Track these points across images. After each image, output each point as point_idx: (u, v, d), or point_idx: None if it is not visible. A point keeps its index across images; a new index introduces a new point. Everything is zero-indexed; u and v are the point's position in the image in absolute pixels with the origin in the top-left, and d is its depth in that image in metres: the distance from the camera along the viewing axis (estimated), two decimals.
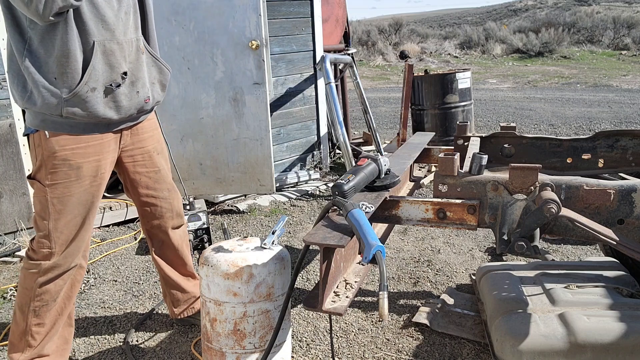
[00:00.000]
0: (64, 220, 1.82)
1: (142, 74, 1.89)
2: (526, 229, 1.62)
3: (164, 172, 2.11)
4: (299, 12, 4.69)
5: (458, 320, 2.35)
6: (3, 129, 3.46)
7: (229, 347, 1.74)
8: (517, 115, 8.30)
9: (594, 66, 14.79)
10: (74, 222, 1.84)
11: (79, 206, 1.84)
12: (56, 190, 1.79)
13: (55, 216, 1.81)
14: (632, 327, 1.83)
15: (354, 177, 1.67)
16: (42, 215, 1.82)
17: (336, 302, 1.48)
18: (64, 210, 1.81)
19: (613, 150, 2.33)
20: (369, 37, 20.25)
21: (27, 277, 1.87)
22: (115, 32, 1.76)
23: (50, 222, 1.81)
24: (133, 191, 2.08)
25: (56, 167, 1.78)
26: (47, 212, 1.81)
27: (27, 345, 1.91)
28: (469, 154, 2.05)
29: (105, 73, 1.75)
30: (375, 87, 12.77)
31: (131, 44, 1.83)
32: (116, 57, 1.77)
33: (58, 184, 1.79)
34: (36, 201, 1.84)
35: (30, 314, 1.88)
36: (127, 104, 1.84)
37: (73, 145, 1.78)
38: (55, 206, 1.80)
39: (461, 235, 3.46)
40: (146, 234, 2.21)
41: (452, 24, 34.83)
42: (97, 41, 1.71)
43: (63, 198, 1.80)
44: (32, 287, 1.86)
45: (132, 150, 1.99)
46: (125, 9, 1.81)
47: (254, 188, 4.00)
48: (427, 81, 5.45)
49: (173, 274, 2.26)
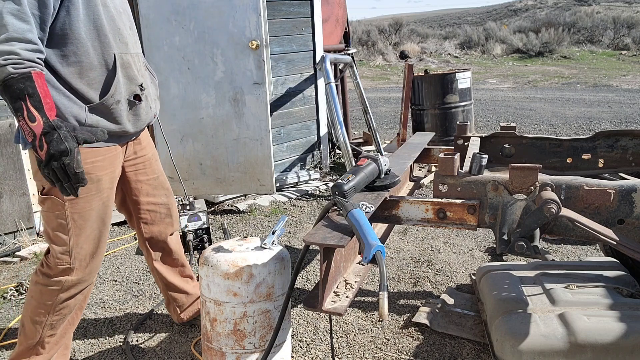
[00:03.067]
0: (84, 235, 1.78)
1: (150, 90, 1.91)
2: (526, 229, 1.62)
3: (162, 178, 2.11)
4: (299, 12, 4.69)
5: (458, 320, 2.35)
6: (3, 129, 3.46)
7: (229, 347, 1.74)
8: (517, 115, 8.30)
9: (594, 66, 14.79)
10: (92, 235, 1.81)
11: (99, 220, 1.81)
12: (77, 205, 1.74)
13: (77, 232, 1.76)
14: (632, 327, 1.83)
15: (354, 177, 1.67)
16: (60, 231, 1.75)
17: (336, 302, 1.48)
18: (85, 225, 1.77)
19: (613, 150, 2.33)
20: (369, 37, 20.24)
21: (46, 293, 1.81)
22: (128, 45, 1.78)
23: (71, 238, 1.76)
24: (134, 200, 2.05)
25: None
26: (67, 228, 1.75)
27: (34, 353, 1.89)
28: (469, 154, 2.05)
29: (126, 85, 1.76)
30: (375, 87, 12.77)
31: (138, 58, 1.86)
32: (132, 69, 1.78)
33: (79, 199, 1.72)
34: (51, 217, 1.75)
35: (46, 328, 1.85)
36: (144, 118, 1.86)
37: (92, 159, 1.73)
38: (77, 221, 1.75)
39: (461, 235, 3.46)
40: (145, 245, 2.17)
41: (452, 24, 34.83)
42: (117, 54, 1.72)
43: (84, 213, 1.76)
44: (52, 304, 1.82)
45: (135, 160, 1.98)
46: (129, 25, 1.83)
47: (254, 188, 4.00)
48: (427, 81, 5.45)
49: (175, 279, 2.26)
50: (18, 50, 1.46)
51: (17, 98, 1.45)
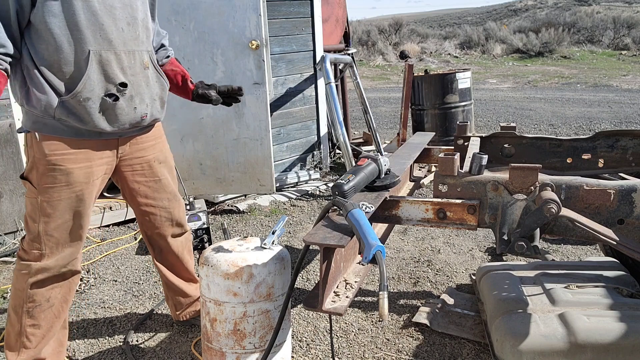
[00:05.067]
0: (54, 224, 1.80)
1: (142, 90, 1.84)
2: (526, 229, 1.62)
3: (165, 181, 2.07)
4: (299, 12, 4.69)
5: (458, 320, 2.35)
6: (3, 129, 3.46)
7: (229, 347, 1.74)
8: (517, 115, 8.30)
9: (594, 66, 14.79)
10: (64, 226, 1.82)
11: (70, 211, 1.81)
12: (46, 193, 1.77)
13: (45, 219, 1.79)
14: (632, 327, 1.83)
15: (354, 177, 1.67)
16: (32, 216, 1.81)
17: (336, 302, 1.48)
18: (54, 214, 1.79)
19: (613, 150, 2.33)
20: (369, 37, 20.25)
21: (19, 278, 1.86)
22: (113, 42, 1.73)
23: (40, 224, 1.79)
24: (132, 200, 2.05)
25: (47, 171, 1.75)
26: (37, 215, 1.79)
27: (22, 346, 1.89)
28: (469, 154, 2.05)
29: (101, 83, 1.72)
30: (375, 87, 12.77)
31: (132, 56, 1.79)
32: (112, 67, 1.73)
33: (48, 188, 1.76)
34: (27, 202, 1.82)
35: (24, 315, 1.87)
36: (122, 118, 1.81)
37: (63, 151, 1.75)
38: (45, 209, 1.78)
39: (461, 235, 3.46)
40: (146, 240, 2.19)
41: (452, 24, 34.83)
42: (92, 50, 1.68)
43: (53, 202, 1.78)
44: (23, 289, 1.85)
45: (131, 160, 1.96)
46: (128, 20, 1.77)
47: (254, 188, 4.00)
48: (427, 81, 5.45)
49: (174, 279, 2.25)
50: None
51: None
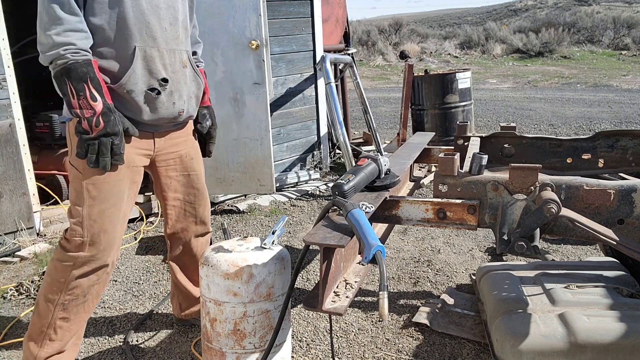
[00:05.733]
0: (98, 208, 1.81)
1: (181, 86, 1.92)
2: (526, 229, 1.62)
3: (193, 176, 2.12)
4: (299, 12, 4.69)
5: (458, 320, 2.35)
6: (3, 129, 3.46)
7: (229, 347, 1.74)
8: (517, 115, 8.30)
9: (594, 66, 14.79)
10: (108, 212, 1.83)
11: (114, 195, 1.83)
12: (91, 176, 1.79)
13: (90, 202, 1.80)
14: (632, 327, 1.83)
15: (354, 177, 1.67)
16: (76, 202, 1.82)
17: (336, 302, 1.48)
18: (98, 197, 1.80)
19: (613, 150, 2.33)
20: (369, 37, 20.25)
21: (60, 269, 1.85)
22: (157, 40, 1.81)
23: (85, 208, 1.80)
24: (163, 195, 2.09)
25: None
26: (82, 199, 1.80)
27: (47, 338, 1.89)
28: (469, 154, 2.05)
29: (144, 78, 1.80)
30: (375, 87, 12.77)
31: (173, 54, 1.87)
32: (155, 63, 1.81)
33: (95, 170, 1.78)
34: (72, 189, 1.84)
35: (58, 307, 1.86)
36: (162, 112, 1.87)
37: None
38: (90, 192, 1.79)
39: (461, 235, 3.46)
40: (167, 239, 2.21)
41: (452, 24, 34.84)
42: (138, 46, 1.77)
43: (97, 184, 1.79)
44: (65, 280, 1.84)
45: (166, 155, 2.01)
46: (170, 21, 1.85)
47: (254, 188, 4.00)
48: (427, 81, 5.45)
49: (184, 280, 2.26)
50: (74, 41, 1.65)
51: (80, 80, 1.65)
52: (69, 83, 1.65)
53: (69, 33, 1.65)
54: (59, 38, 1.63)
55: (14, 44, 4.27)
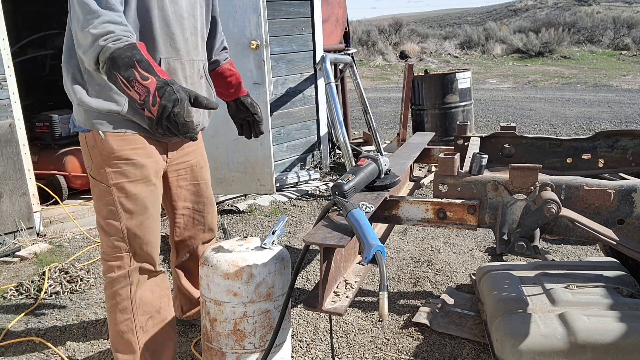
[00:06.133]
0: (136, 220, 1.74)
1: None
2: (526, 229, 1.62)
3: (203, 185, 2.10)
4: (299, 12, 4.69)
5: (458, 320, 2.35)
6: (3, 129, 3.46)
7: (229, 347, 1.73)
8: (517, 115, 8.30)
9: (594, 66, 14.79)
10: (146, 223, 1.76)
11: (148, 206, 1.77)
12: (123, 189, 1.72)
13: (127, 215, 1.73)
14: (632, 327, 1.83)
15: (354, 177, 1.67)
16: (111, 218, 1.73)
17: (336, 302, 1.47)
18: (134, 209, 1.74)
19: (613, 150, 2.33)
20: (369, 37, 20.25)
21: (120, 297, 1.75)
22: (180, 52, 1.76)
23: (123, 222, 1.73)
24: (172, 205, 2.05)
25: (120, 165, 1.71)
26: (117, 213, 1.72)
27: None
28: (469, 154, 2.05)
29: None
30: (375, 87, 12.77)
31: (192, 65, 1.83)
32: (178, 76, 1.76)
33: (125, 183, 1.72)
34: (101, 205, 1.74)
35: (139, 332, 1.78)
36: None
37: (132, 145, 1.72)
38: (124, 205, 1.72)
39: (461, 235, 3.46)
40: (174, 246, 2.17)
41: (452, 24, 34.84)
42: (163, 58, 1.71)
43: (131, 197, 1.73)
44: (130, 304, 1.75)
45: (177, 165, 1.97)
46: (191, 31, 1.81)
47: (254, 188, 4.00)
48: (427, 81, 5.45)
49: (188, 285, 2.26)
50: (113, 29, 1.46)
51: (127, 66, 1.42)
52: (118, 75, 1.43)
53: (107, 25, 1.47)
54: (96, 30, 1.45)
55: (14, 44, 4.28)
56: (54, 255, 3.32)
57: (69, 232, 3.74)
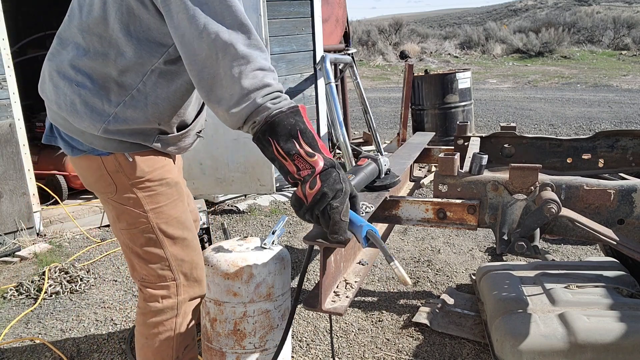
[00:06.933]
0: (181, 245, 1.58)
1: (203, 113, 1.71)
2: (526, 229, 1.62)
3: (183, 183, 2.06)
4: (299, 12, 4.69)
5: (458, 320, 2.35)
6: (3, 129, 3.46)
7: (229, 347, 1.74)
8: (517, 115, 8.30)
9: (594, 66, 14.79)
10: (191, 246, 1.62)
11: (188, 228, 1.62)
12: (162, 214, 1.53)
13: (169, 242, 1.55)
14: (632, 327, 1.83)
15: (354, 177, 1.67)
16: (151, 245, 1.54)
17: (336, 302, 1.47)
18: (176, 233, 1.57)
19: (613, 150, 2.33)
20: (369, 37, 20.25)
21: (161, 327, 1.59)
22: None
23: (166, 249, 1.55)
24: None
25: (154, 188, 1.51)
26: (158, 240, 1.54)
27: None
28: (469, 154, 2.05)
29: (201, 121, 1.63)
30: (375, 87, 12.77)
31: None
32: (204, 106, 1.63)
33: (162, 206, 1.53)
34: (136, 234, 1.53)
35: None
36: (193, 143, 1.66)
37: (162, 163, 1.54)
38: (166, 231, 1.54)
39: (461, 235, 3.46)
40: None
41: (452, 24, 34.85)
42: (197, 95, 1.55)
43: (170, 220, 1.55)
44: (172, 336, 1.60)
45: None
46: None
47: (254, 188, 4.00)
48: (427, 81, 5.45)
49: None
50: (271, 82, 1.22)
51: (289, 135, 1.20)
52: (274, 143, 1.21)
53: (259, 73, 1.20)
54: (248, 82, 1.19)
55: (14, 44, 4.27)
56: (54, 255, 3.33)
57: (69, 232, 3.74)
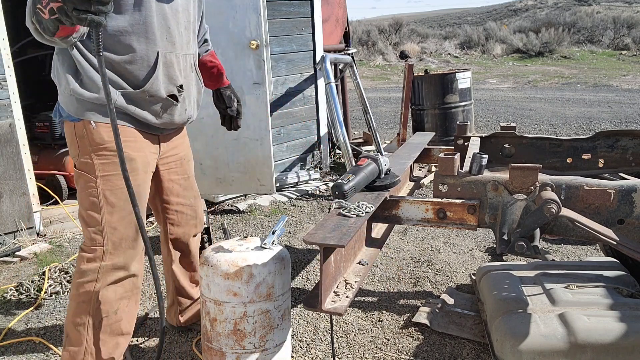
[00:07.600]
0: (118, 215, 1.71)
1: (191, 92, 1.89)
2: (526, 229, 1.62)
3: (191, 179, 2.11)
4: (299, 12, 4.69)
5: (458, 320, 2.35)
6: (3, 129, 3.46)
7: (229, 347, 1.74)
8: (517, 115, 8.30)
9: (594, 66, 14.79)
10: (127, 218, 1.72)
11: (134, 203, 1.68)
12: (109, 182, 1.69)
13: (109, 209, 1.70)
14: (632, 327, 1.83)
15: (354, 177, 1.67)
16: (93, 209, 1.70)
17: (336, 302, 1.48)
18: (117, 204, 1.70)
19: (613, 150, 2.33)
20: (369, 37, 20.25)
21: (83, 289, 1.72)
22: (175, 45, 1.77)
23: (103, 216, 1.69)
24: (164, 200, 2.04)
25: (108, 157, 1.69)
26: (99, 206, 1.69)
27: None
28: (469, 154, 2.05)
29: (165, 84, 1.75)
30: (375, 87, 12.77)
31: (185, 59, 1.84)
32: (174, 69, 1.77)
33: (111, 176, 1.69)
34: (84, 195, 1.71)
35: (90, 330, 1.73)
36: (176, 118, 1.84)
37: (124, 138, 1.65)
38: (108, 199, 1.69)
39: (461, 235, 3.46)
40: (168, 245, 2.14)
41: (452, 24, 34.84)
42: (160, 52, 1.72)
43: (116, 190, 1.70)
44: (90, 299, 1.72)
45: (167, 158, 1.97)
46: (185, 24, 1.81)
47: (254, 188, 4.00)
48: (427, 81, 5.45)
49: (186, 283, 2.25)
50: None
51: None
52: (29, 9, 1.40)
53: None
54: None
55: (14, 44, 4.27)
56: (54, 255, 3.33)
57: (69, 232, 3.74)
